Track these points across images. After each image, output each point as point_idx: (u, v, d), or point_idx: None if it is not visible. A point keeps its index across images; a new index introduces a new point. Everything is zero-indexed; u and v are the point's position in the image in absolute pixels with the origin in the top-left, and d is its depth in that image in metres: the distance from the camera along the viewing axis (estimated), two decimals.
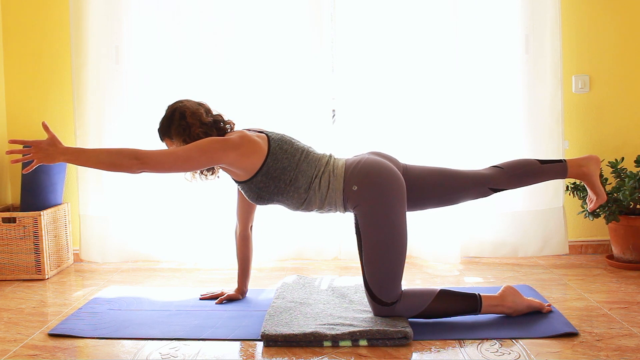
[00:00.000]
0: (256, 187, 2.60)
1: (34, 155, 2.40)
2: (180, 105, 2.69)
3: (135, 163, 2.40)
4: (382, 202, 2.53)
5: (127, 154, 2.41)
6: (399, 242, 2.54)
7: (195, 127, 2.63)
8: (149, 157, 2.42)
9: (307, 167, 2.61)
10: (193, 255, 3.74)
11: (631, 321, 2.58)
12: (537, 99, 3.59)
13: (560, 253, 3.66)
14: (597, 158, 2.74)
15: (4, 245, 3.50)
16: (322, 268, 3.60)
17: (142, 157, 2.40)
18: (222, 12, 3.64)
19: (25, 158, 2.41)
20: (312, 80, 3.63)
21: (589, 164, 2.72)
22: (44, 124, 2.46)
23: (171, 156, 2.46)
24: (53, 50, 3.79)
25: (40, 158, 2.40)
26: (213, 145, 2.52)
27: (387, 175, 2.57)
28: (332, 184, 2.58)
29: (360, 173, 2.57)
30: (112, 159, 2.41)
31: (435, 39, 3.58)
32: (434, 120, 3.61)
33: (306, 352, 2.35)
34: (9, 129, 3.85)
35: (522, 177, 2.71)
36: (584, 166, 2.71)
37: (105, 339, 2.53)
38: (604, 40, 3.67)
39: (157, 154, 2.44)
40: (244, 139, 2.57)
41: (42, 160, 2.40)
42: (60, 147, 2.42)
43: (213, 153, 2.50)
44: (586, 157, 2.74)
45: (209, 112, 2.73)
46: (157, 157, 2.44)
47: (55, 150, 2.41)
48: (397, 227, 2.54)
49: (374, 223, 2.53)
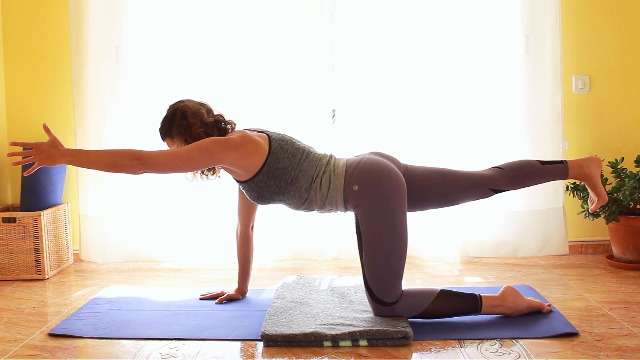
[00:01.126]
0: (257, 187, 2.60)
1: (35, 157, 2.40)
2: (181, 105, 2.69)
3: (136, 164, 2.40)
4: (383, 202, 2.53)
5: (128, 154, 2.40)
6: (399, 242, 2.54)
7: (197, 126, 2.63)
8: (150, 157, 2.41)
9: (308, 167, 2.61)
10: (193, 255, 3.74)
11: (631, 321, 2.58)
12: (537, 99, 3.59)
13: (560, 253, 3.66)
14: (598, 159, 2.74)
15: (4, 245, 3.50)
16: (322, 268, 3.60)
17: (143, 157, 2.40)
18: (222, 12, 3.64)
19: (26, 160, 2.41)
20: (312, 81, 3.63)
21: (590, 164, 2.72)
22: (45, 125, 2.46)
23: (172, 156, 2.46)
24: (53, 50, 3.79)
25: (42, 160, 2.40)
26: (214, 145, 2.52)
27: (388, 175, 2.57)
28: (333, 183, 2.58)
29: (361, 172, 2.57)
30: (113, 160, 2.41)
31: (435, 39, 3.58)
32: (434, 120, 3.61)
33: (306, 352, 2.35)
34: (9, 129, 3.85)
35: (523, 178, 2.71)
36: (585, 167, 2.71)
37: (105, 339, 2.53)
38: (604, 40, 3.67)
39: (159, 155, 2.44)
40: (245, 139, 2.57)
41: (43, 162, 2.40)
42: (62, 149, 2.41)
43: (214, 153, 2.50)
44: (587, 158, 2.74)
45: (210, 112, 2.72)
46: (159, 158, 2.43)
47: (57, 152, 2.40)
48: (398, 227, 2.54)
49: (374, 223, 2.53)
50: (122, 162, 2.40)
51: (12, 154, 2.41)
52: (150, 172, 2.45)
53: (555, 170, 2.72)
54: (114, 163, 2.40)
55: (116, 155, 2.41)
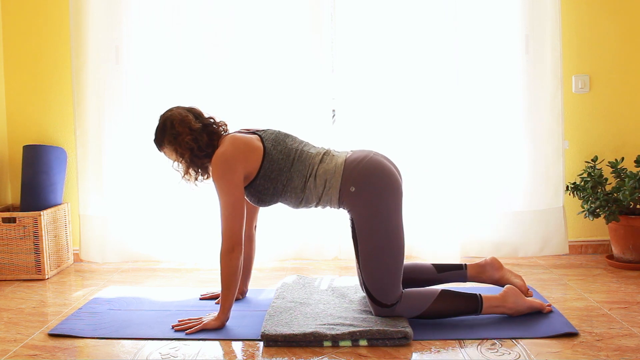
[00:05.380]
0: (256, 191, 2.62)
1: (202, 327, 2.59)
2: (169, 115, 2.67)
3: (236, 252, 2.54)
4: (380, 207, 2.52)
5: (226, 259, 2.55)
6: (396, 245, 2.54)
7: (185, 134, 2.61)
8: (225, 238, 2.54)
9: (301, 167, 2.61)
10: (193, 255, 3.73)
11: (631, 321, 2.58)
12: (537, 99, 3.59)
13: (560, 253, 3.66)
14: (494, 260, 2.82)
15: (4, 245, 3.50)
16: (322, 268, 3.60)
17: (230, 245, 2.54)
18: (222, 13, 3.64)
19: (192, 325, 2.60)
20: (312, 81, 3.63)
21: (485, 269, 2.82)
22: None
23: (228, 217, 2.54)
24: (53, 50, 3.79)
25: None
26: (225, 177, 2.54)
27: (387, 178, 2.55)
28: (329, 181, 2.57)
29: (360, 174, 2.55)
30: (229, 275, 2.57)
31: (435, 39, 3.58)
32: (434, 120, 3.61)
33: (306, 352, 2.35)
34: (9, 129, 3.85)
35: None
36: (483, 273, 2.81)
37: (105, 339, 2.53)
38: (604, 40, 3.67)
39: (223, 229, 2.55)
40: (235, 143, 2.58)
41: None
42: (221, 317, 2.60)
43: (232, 181, 2.54)
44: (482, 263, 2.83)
45: (200, 117, 2.68)
46: (227, 230, 2.54)
47: (220, 322, 2.59)
48: (395, 230, 2.54)
49: (371, 227, 2.52)
50: (230, 264, 2.55)
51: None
52: (240, 240, 2.56)
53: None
54: (230, 273, 2.57)
55: (225, 269, 2.56)
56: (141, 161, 3.69)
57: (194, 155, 2.63)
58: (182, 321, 2.63)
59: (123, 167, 3.70)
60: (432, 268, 2.80)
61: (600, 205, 3.36)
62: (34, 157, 3.56)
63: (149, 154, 3.60)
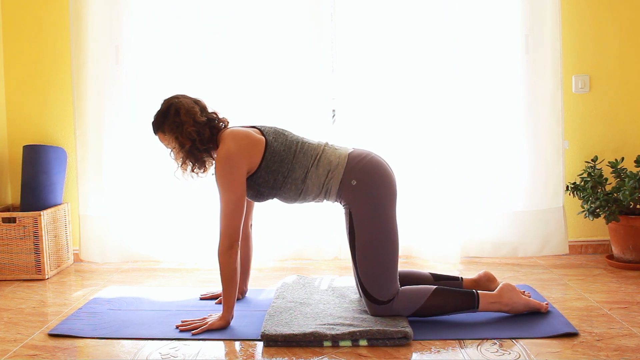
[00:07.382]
0: (255, 184, 2.61)
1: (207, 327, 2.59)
2: (176, 101, 2.65)
3: (234, 249, 2.54)
4: (379, 203, 2.55)
5: (225, 256, 2.55)
6: (392, 242, 2.57)
7: (188, 125, 2.60)
8: (224, 236, 2.53)
9: (304, 158, 2.61)
10: (193, 255, 3.73)
11: (631, 321, 2.58)
12: (537, 99, 3.59)
13: (560, 253, 3.66)
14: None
15: (4, 245, 3.50)
16: (322, 268, 3.60)
17: (229, 241, 2.53)
18: (222, 12, 3.64)
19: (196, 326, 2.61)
20: (312, 80, 3.64)
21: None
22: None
23: (229, 215, 2.53)
24: (53, 50, 3.79)
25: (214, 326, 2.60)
26: (229, 175, 2.54)
27: (387, 178, 2.60)
28: (332, 172, 2.58)
29: (364, 169, 2.57)
30: (228, 272, 2.57)
31: (435, 39, 3.58)
32: (434, 120, 3.61)
33: (306, 352, 2.35)
34: (9, 129, 3.85)
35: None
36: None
37: (105, 339, 2.53)
38: (604, 40, 3.67)
39: (223, 227, 2.54)
40: (236, 137, 2.58)
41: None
42: (225, 316, 2.60)
43: (236, 179, 2.53)
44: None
45: (204, 111, 2.68)
46: (226, 228, 2.53)
47: (225, 321, 2.60)
48: (391, 227, 2.57)
49: (369, 222, 2.54)
50: (229, 260, 2.55)
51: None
52: (239, 235, 2.57)
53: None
54: (231, 270, 2.57)
55: (227, 266, 2.56)
56: (141, 161, 3.69)
57: (194, 147, 2.62)
58: (186, 322, 2.63)
59: (123, 167, 3.70)
60: (429, 276, 2.81)
61: (600, 205, 3.36)
62: (34, 157, 3.56)
63: (149, 154, 3.61)
